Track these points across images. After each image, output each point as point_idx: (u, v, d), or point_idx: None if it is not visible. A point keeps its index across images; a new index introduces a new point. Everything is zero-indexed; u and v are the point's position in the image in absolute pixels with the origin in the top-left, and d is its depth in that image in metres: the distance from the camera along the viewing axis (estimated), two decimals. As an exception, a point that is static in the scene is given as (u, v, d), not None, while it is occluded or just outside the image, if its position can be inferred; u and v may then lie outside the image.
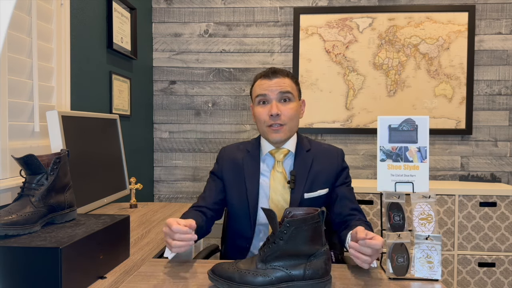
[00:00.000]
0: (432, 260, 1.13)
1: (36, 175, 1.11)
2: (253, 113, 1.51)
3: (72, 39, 1.84)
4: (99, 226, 1.14)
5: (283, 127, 1.42)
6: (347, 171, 1.52)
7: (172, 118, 2.97)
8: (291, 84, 1.45)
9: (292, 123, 1.45)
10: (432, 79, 2.81)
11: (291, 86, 1.45)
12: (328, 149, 1.54)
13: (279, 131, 1.42)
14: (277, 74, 1.44)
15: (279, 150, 1.48)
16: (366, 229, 1.15)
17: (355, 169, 2.89)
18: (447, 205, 2.50)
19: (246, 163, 1.49)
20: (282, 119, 1.41)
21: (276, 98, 1.42)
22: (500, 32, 2.79)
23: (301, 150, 1.49)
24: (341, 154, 1.53)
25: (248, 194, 1.45)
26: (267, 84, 1.43)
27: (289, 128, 1.44)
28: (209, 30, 2.92)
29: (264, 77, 1.45)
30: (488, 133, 2.83)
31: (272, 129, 1.42)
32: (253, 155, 1.50)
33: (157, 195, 3.00)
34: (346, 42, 2.84)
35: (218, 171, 1.53)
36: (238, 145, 1.58)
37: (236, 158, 1.52)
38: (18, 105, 1.50)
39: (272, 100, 1.42)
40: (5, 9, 0.64)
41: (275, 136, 1.43)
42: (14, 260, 0.94)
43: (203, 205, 1.46)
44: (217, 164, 1.56)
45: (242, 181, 1.47)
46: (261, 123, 1.45)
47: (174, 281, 1.11)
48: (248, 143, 1.56)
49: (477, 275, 2.49)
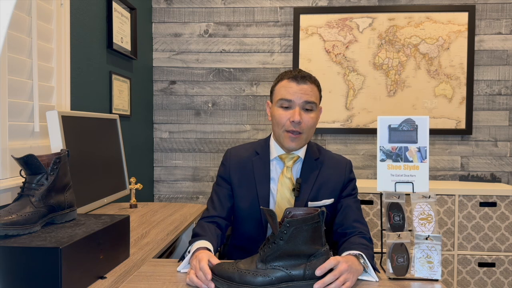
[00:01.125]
0: (432, 260, 1.13)
1: (36, 175, 1.11)
2: (269, 112, 1.48)
3: (72, 39, 1.84)
4: (99, 226, 1.14)
5: (301, 135, 1.40)
6: (354, 182, 1.49)
7: (172, 118, 2.97)
8: (316, 92, 1.42)
9: (309, 133, 1.42)
10: (432, 79, 2.81)
11: (316, 96, 1.41)
12: (337, 159, 1.51)
13: (296, 139, 1.39)
14: (305, 80, 1.39)
15: (289, 155, 1.45)
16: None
17: (355, 169, 2.87)
18: (447, 205, 2.50)
19: (256, 166, 1.46)
20: (302, 127, 1.38)
21: (300, 105, 1.38)
22: (500, 32, 2.79)
23: (310, 158, 1.46)
24: (349, 165, 1.50)
25: (260, 200, 1.43)
26: (294, 89, 1.38)
27: (305, 137, 1.42)
28: (209, 30, 2.92)
29: (292, 79, 1.39)
30: (488, 133, 2.83)
31: (290, 135, 1.39)
32: (263, 158, 1.47)
33: (157, 195, 3.00)
34: (346, 42, 2.84)
35: (225, 173, 1.49)
36: (245, 145, 1.55)
37: (244, 159, 1.49)
38: (18, 105, 1.50)
39: (295, 106, 1.38)
40: (5, 9, 0.64)
41: (291, 144, 1.40)
42: (14, 260, 0.94)
43: (215, 215, 1.43)
44: (223, 166, 1.51)
45: (252, 185, 1.44)
46: (279, 127, 1.41)
47: (174, 281, 1.11)
48: (257, 145, 1.53)
49: (477, 275, 2.49)
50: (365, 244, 1.26)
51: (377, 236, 2.50)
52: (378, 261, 1.25)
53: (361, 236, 1.30)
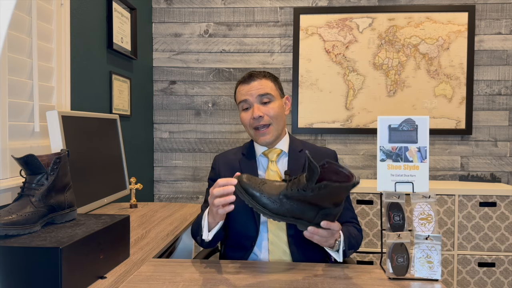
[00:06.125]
0: (432, 260, 1.13)
1: (36, 175, 1.11)
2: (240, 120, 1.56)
3: (72, 39, 1.84)
4: (99, 226, 1.14)
5: (269, 127, 1.45)
6: None
7: (172, 118, 2.97)
8: (269, 84, 1.48)
9: (277, 122, 1.47)
10: (432, 79, 2.81)
11: (270, 87, 1.47)
12: (321, 150, 1.57)
13: (265, 133, 1.45)
14: (253, 77, 1.47)
15: (271, 150, 1.50)
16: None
17: (355, 169, 2.89)
18: (447, 205, 2.50)
19: (243, 165, 1.51)
20: (266, 119, 1.44)
21: (256, 101, 1.45)
22: (500, 32, 2.79)
23: (294, 150, 1.51)
24: (334, 156, 1.55)
25: None
26: (246, 89, 1.46)
27: (275, 128, 1.46)
28: (209, 30, 2.92)
29: (242, 82, 1.48)
30: (488, 133, 2.83)
31: (259, 132, 1.45)
32: (249, 157, 1.53)
33: (157, 195, 3.00)
34: (346, 42, 2.84)
35: (215, 175, 1.53)
36: (232, 150, 1.61)
37: (232, 161, 1.54)
38: (18, 105, 1.50)
39: (253, 103, 1.45)
40: (5, 9, 0.64)
41: (263, 139, 1.46)
42: (14, 260, 0.94)
43: None
44: (212, 169, 1.58)
45: None
46: (247, 128, 1.49)
47: (174, 281, 1.11)
48: (242, 147, 1.59)
49: (477, 275, 2.49)
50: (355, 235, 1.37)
51: (377, 236, 2.50)
52: (378, 261, 1.25)
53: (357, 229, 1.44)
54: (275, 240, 1.41)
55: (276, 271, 1.22)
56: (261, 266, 1.27)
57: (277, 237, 1.42)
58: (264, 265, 1.29)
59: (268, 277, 1.16)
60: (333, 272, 1.20)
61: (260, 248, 1.43)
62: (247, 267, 1.25)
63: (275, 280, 1.13)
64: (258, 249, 1.43)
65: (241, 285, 1.10)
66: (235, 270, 1.21)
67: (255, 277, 1.15)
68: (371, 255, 2.51)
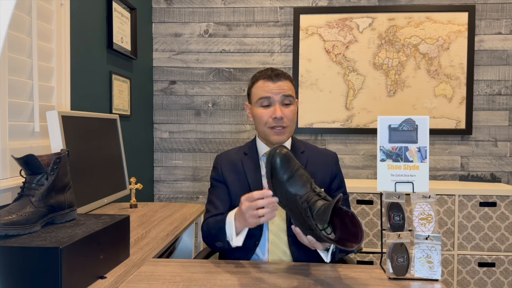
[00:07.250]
0: (432, 260, 1.13)
1: (36, 175, 1.11)
2: (250, 113, 1.54)
3: (72, 39, 1.84)
4: (99, 226, 1.14)
5: (285, 129, 1.46)
6: (341, 175, 1.56)
7: (172, 118, 2.97)
8: (291, 86, 1.49)
9: (293, 125, 1.49)
10: (432, 79, 2.81)
11: (292, 90, 1.48)
12: (322, 152, 1.58)
13: (282, 133, 1.46)
14: (280, 77, 1.46)
15: None
16: None
17: (355, 169, 2.89)
18: (447, 205, 2.50)
19: (246, 165, 1.51)
20: (285, 121, 1.45)
21: (279, 101, 1.45)
22: (500, 32, 2.79)
23: (296, 151, 1.52)
24: (335, 158, 1.56)
25: (252, 189, 1.44)
26: (271, 86, 1.45)
27: (290, 130, 1.48)
28: (209, 30, 2.92)
29: (267, 79, 1.47)
30: (488, 133, 2.83)
31: (275, 131, 1.45)
32: (252, 157, 1.52)
33: (157, 195, 3.00)
34: (346, 42, 2.84)
35: (218, 175, 1.53)
36: (234, 149, 1.61)
37: (234, 160, 1.53)
38: (18, 105, 1.50)
39: (275, 102, 1.45)
40: (5, 9, 0.64)
41: (279, 138, 1.46)
42: (14, 260, 0.94)
43: (218, 214, 1.45)
44: (215, 169, 1.56)
45: (245, 183, 1.48)
46: (262, 125, 1.47)
47: (174, 281, 1.11)
48: (244, 147, 1.59)
49: (477, 275, 2.49)
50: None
51: (377, 236, 2.50)
52: (378, 261, 1.25)
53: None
54: (275, 240, 1.41)
55: (276, 271, 1.22)
56: (261, 266, 1.27)
57: (278, 237, 1.42)
58: (264, 265, 1.29)
59: (268, 277, 1.16)
60: (333, 272, 1.20)
61: (261, 249, 1.43)
62: (247, 267, 1.25)
63: (275, 280, 1.13)
64: (260, 250, 1.43)
65: (241, 285, 1.10)
66: (235, 270, 1.21)
67: (255, 277, 1.16)
68: (371, 255, 2.51)
